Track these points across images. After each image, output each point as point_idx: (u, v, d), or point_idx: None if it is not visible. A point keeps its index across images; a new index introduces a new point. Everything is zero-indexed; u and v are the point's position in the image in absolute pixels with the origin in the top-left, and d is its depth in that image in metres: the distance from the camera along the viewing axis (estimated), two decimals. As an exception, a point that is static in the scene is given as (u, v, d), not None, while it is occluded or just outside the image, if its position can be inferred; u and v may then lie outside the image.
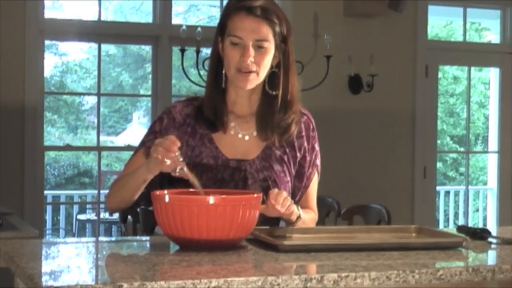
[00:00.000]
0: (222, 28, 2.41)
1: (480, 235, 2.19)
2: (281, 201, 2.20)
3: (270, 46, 2.37)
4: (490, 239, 2.16)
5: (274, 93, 2.42)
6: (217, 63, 2.43)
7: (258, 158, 2.42)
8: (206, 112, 2.42)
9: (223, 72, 2.41)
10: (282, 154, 2.45)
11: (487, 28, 11.20)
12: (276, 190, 2.23)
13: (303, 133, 2.49)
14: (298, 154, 2.48)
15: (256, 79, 2.38)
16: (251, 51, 2.34)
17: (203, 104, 2.44)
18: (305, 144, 2.50)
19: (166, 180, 2.36)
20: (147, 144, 2.40)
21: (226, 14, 2.40)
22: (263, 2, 2.38)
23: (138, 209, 3.87)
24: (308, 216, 2.45)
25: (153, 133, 2.44)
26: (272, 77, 2.42)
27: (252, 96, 2.45)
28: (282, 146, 2.45)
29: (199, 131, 2.43)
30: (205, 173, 2.36)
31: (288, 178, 2.45)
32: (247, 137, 2.44)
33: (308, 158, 2.50)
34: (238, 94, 2.44)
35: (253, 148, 2.44)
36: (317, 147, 2.53)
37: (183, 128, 2.43)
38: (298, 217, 2.31)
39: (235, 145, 2.42)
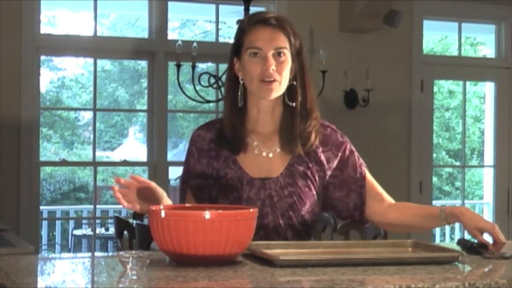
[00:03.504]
0: (238, 47, 2.45)
1: (476, 249, 2.19)
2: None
3: (288, 55, 2.41)
4: (487, 254, 2.16)
5: (292, 104, 2.45)
6: (234, 84, 2.46)
7: (282, 175, 2.44)
8: (227, 134, 2.46)
9: (240, 92, 2.44)
10: (305, 169, 2.46)
11: (482, 42, 11.25)
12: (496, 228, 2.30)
13: (330, 145, 2.52)
14: (327, 167, 2.49)
15: (279, 88, 2.41)
16: (272, 60, 2.38)
17: (223, 128, 2.48)
18: (338, 153, 2.53)
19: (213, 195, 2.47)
20: (189, 182, 2.50)
21: (241, 32, 2.45)
22: (275, 14, 2.48)
23: (134, 225, 3.87)
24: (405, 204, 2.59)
25: (190, 172, 2.51)
26: (290, 90, 2.45)
27: (275, 111, 2.47)
28: (305, 162, 2.47)
29: (223, 153, 2.46)
30: (231, 194, 2.41)
31: (314, 192, 2.46)
32: (271, 155, 2.47)
33: (351, 160, 2.55)
34: (260, 110, 2.47)
35: (277, 165, 2.46)
36: (353, 148, 2.58)
37: (209, 153, 2.47)
38: None
39: (259, 163, 2.45)
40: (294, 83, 2.45)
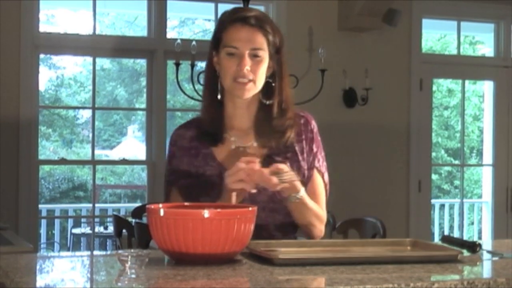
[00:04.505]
0: (217, 42, 2.45)
1: (467, 246, 2.19)
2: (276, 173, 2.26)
3: (265, 55, 2.41)
4: (484, 253, 2.16)
5: (268, 102, 2.46)
6: (212, 77, 2.47)
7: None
8: (205, 125, 2.47)
9: (219, 85, 2.45)
10: (283, 159, 2.46)
11: (481, 41, 11.25)
12: (279, 165, 2.29)
13: (303, 136, 2.52)
14: (301, 158, 2.50)
15: (254, 88, 2.41)
16: (247, 60, 2.38)
17: (202, 121, 2.48)
18: (305, 146, 2.52)
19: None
20: (176, 182, 2.48)
21: (221, 28, 2.45)
22: (256, 12, 2.46)
23: (133, 223, 3.87)
24: (316, 207, 2.46)
25: (175, 172, 2.50)
26: (267, 87, 2.46)
27: (250, 107, 2.48)
28: (283, 152, 2.48)
29: (202, 151, 2.47)
30: (211, 190, 2.40)
31: None
32: (248, 149, 2.47)
33: (306, 160, 2.51)
34: (236, 106, 2.47)
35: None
36: (315, 149, 2.54)
37: (190, 151, 2.48)
38: (297, 197, 2.35)
39: (237, 158, 2.43)
40: (271, 81, 2.46)
